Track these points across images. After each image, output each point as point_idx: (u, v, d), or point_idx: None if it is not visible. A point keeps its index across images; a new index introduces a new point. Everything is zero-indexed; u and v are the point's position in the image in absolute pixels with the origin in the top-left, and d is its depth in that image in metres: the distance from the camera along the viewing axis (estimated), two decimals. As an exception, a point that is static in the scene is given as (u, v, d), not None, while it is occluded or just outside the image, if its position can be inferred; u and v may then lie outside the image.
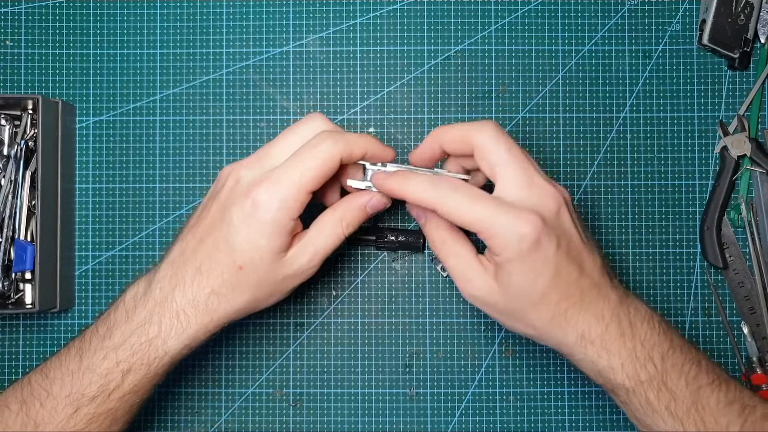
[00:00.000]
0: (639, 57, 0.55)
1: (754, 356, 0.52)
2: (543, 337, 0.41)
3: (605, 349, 0.40)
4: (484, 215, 0.39)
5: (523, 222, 0.38)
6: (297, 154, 0.41)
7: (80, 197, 0.55)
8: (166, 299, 0.41)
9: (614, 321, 0.40)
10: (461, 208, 0.39)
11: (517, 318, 0.41)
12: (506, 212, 0.39)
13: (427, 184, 0.41)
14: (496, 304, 0.41)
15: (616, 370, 0.40)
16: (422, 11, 0.55)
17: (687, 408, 0.40)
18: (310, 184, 0.40)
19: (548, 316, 0.40)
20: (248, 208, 0.40)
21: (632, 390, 0.40)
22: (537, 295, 0.40)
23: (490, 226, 0.39)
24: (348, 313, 0.55)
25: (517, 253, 0.38)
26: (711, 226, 0.53)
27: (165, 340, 0.40)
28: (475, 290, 0.41)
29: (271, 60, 0.55)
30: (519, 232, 0.38)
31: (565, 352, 0.42)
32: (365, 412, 0.54)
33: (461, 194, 0.40)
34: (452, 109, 0.55)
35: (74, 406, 0.40)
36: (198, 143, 0.55)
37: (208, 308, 0.41)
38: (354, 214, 0.44)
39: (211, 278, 0.41)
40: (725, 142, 0.54)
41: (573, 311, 0.40)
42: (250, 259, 0.41)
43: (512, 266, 0.39)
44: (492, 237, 0.39)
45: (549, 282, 0.39)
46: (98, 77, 0.55)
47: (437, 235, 0.43)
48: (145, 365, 0.41)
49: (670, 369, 0.40)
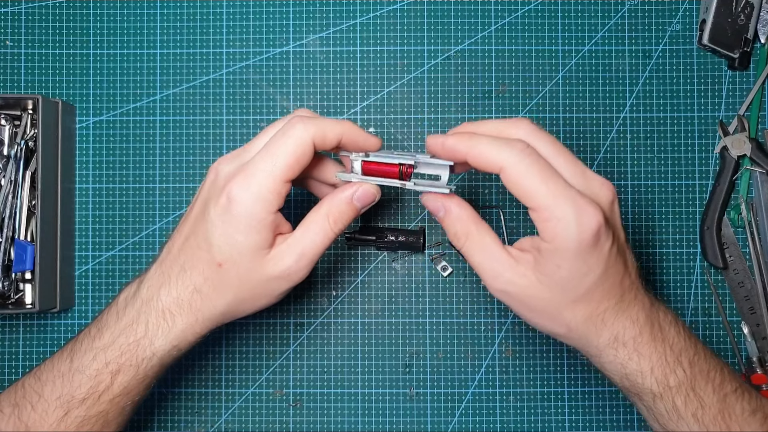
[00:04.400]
0: (639, 57, 0.55)
1: (754, 356, 0.52)
2: (572, 337, 0.39)
3: (636, 352, 0.39)
4: (554, 192, 0.36)
5: (589, 213, 0.36)
6: (268, 144, 0.39)
7: (80, 197, 0.55)
8: (152, 298, 0.40)
9: (647, 324, 0.39)
10: (533, 178, 0.36)
11: (550, 315, 0.39)
12: (573, 198, 0.36)
13: (494, 147, 0.37)
14: (530, 299, 0.38)
15: (645, 374, 0.39)
16: (422, 11, 0.55)
17: (713, 416, 0.39)
18: (284, 172, 0.38)
19: (585, 316, 0.38)
20: (223, 203, 0.39)
21: (659, 395, 0.39)
22: (581, 292, 0.37)
23: (554, 208, 0.36)
24: (348, 313, 0.55)
25: (576, 245, 0.36)
26: (711, 226, 0.53)
27: (152, 340, 0.40)
28: (506, 285, 0.38)
29: (271, 60, 0.55)
30: (583, 222, 0.36)
31: (593, 354, 0.40)
32: (365, 412, 0.54)
33: (532, 161, 0.36)
34: (452, 109, 0.55)
35: (65, 408, 0.40)
36: (198, 143, 0.55)
37: (192, 307, 0.40)
38: (340, 209, 0.41)
39: (194, 276, 0.40)
40: (725, 142, 0.54)
41: (610, 313, 0.39)
42: (229, 256, 0.39)
43: (563, 258, 0.36)
44: (551, 220, 0.36)
45: (597, 280, 0.37)
46: (98, 77, 0.55)
47: (461, 228, 0.40)
48: (133, 366, 0.40)
49: (698, 375, 0.39)
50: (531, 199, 0.36)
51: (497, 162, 0.37)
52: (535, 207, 0.36)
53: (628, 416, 0.53)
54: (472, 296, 0.54)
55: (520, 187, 0.36)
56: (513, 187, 0.37)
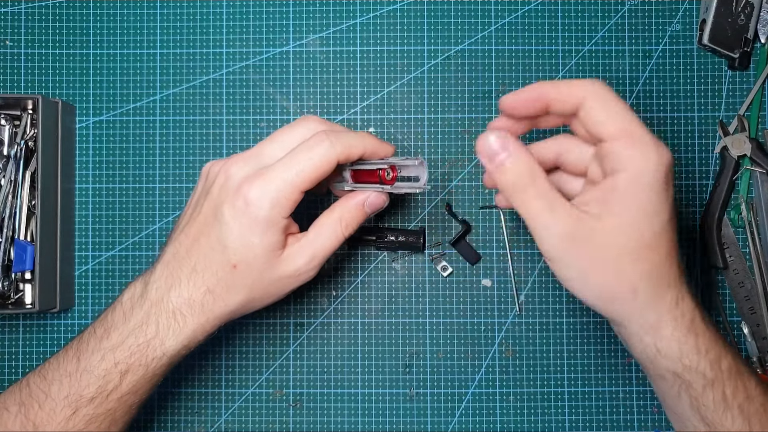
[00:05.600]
0: (639, 57, 0.55)
1: (754, 356, 0.52)
2: (636, 297, 0.37)
3: (694, 328, 0.37)
4: (636, 121, 0.36)
5: (664, 148, 0.36)
6: (293, 154, 0.40)
7: (80, 197, 0.55)
8: (162, 299, 0.41)
9: (696, 301, 0.38)
10: (617, 103, 0.36)
11: (617, 267, 0.36)
12: (651, 134, 0.36)
13: (575, 82, 0.38)
14: (599, 246, 0.36)
15: (701, 353, 0.37)
16: (422, 11, 0.55)
17: (756, 408, 0.38)
18: (305, 184, 0.40)
19: (652, 268, 0.36)
20: (240, 206, 0.39)
21: (711, 382, 0.38)
22: (652, 233, 0.36)
23: (640, 133, 0.36)
24: (348, 313, 0.55)
25: (654, 174, 0.35)
26: (711, 226, 0.53)
27: (163, 340, 0.40)
28: (576, 227, 0.36)
29: (271, 60, 0.55)
30: (662, 153, 0.36)
31: (650, 323, 0.37)
32: (365, 412, 0.54)
33: (613, 92, 0.37)
34: (452, 109, 0.55)
35: (73, 407, 0.40)
36: (198, 143, 0.55)
37: (203, 308, 0.41)
38: (352, 214, 0.43)
39: (206, 277, 0.41)
40: (725, 142, 0.54)
41: (674, 271, 0.37)
42: (244, 258, 0.40)
43: (642, 187, 0.35)
44: (636, 145, 0.35)
45: (665, 224, 0.36)
46: (98, 77, 0.55)
47: (527, 171, 0.37)
48: (143, 366, 0.41)
49: (741, 363, 0.39)
50: (616, 123, 0.36)
51: (579, 92, 0.37)
52: (616, 131, 0.36)
53: (628, 416, 0.54)
54: (472, 296, 0.54)
55: (606, 109, 0.36)
56: (596, 110, 0.37)
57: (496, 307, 0.54)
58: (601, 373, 0.54)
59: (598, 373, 0.54)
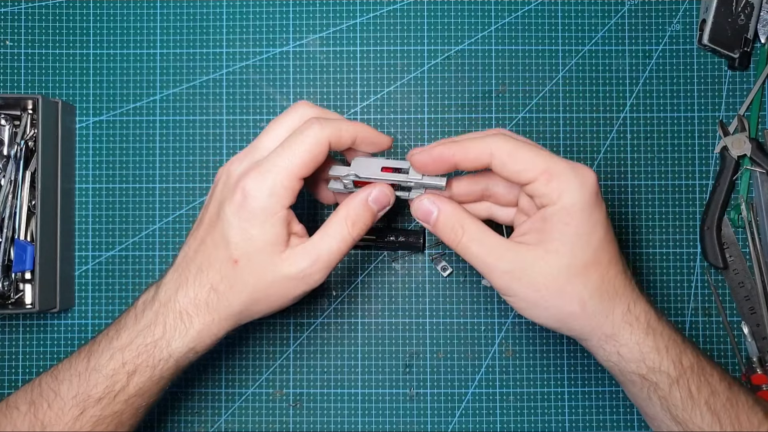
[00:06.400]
0: (639, 57, 0.55)
1: (754, 356, 0.52)
2: (586, 313, 0.39)
3: (651, 328, 0.39)
4: (549, 157, 0.38)
5: (585, 171, 0.38)
6: (284, 142, 0.40)
7: (80, 197, 0.55)
8: (170, 300, 0.41)
9: (650, 302, 0.39)
10: (525, 150, 0.38)
11: (560, 290, 0.38)
12: (567, 161, 0.38)
13: (480, 139, 0.39)
14: (539, 274, 0.38)
15: (662, 352, 0.39)
16: (422, 11, 0.55)
17: (723, 403, 0.39)
18: (299, 169, 0.39)
19: (597, 282, 0.38)
20: (238, 200, 0.39)
21: (676, 380, 0.39)
22: (590, 252, 0.38)
23: (555, 168, 0.37)
24: (348, 313, 0.55)
25: (580, 198, 0.37)
26: (711, 226, 0.53)
27: (169, 341, 0.40)
28: (512, 263, 0.39)
29: (271, 60, 0.55)
30: (584, 175, 0.38)
31: (607, 333, 0.39)
32: (365, 412, 0.54)
33: (518, 140, 0.39)
34: (452, 109, 0.55)
35: (80, 407, 0.40)
36: (198, 143, 0.55)
37: (209, 306, 0.41)
38: (357, 212, 0.42)
39: (211, 275, 0.41)
40: (725, 142, 0.54)
41: (620, 280, 0.39)
42: (245, 252, 0.40)
43: (571, 214, 0.38)
44: (553, 179, 0.37)
45: (602, 240, 0.38)
46: (98, 77, 0.55)
47: (457, 221, 0.40)
48: (150, 367, 0.41)
49: (703, 359, 0.39)
50: (529, 169, 0.38)
51: (485, 150, 0.39)
52: (534, 175, 0.38)
53: (628, 416, 0.54)
54: (472, 296, 0.54)
55: (515, 161, 0.38)
56: (507, 164, 0.38)
57: (496, 307, 0.54)
58: (601, 373, 0.54)
59: (598, 373, 0.54)
